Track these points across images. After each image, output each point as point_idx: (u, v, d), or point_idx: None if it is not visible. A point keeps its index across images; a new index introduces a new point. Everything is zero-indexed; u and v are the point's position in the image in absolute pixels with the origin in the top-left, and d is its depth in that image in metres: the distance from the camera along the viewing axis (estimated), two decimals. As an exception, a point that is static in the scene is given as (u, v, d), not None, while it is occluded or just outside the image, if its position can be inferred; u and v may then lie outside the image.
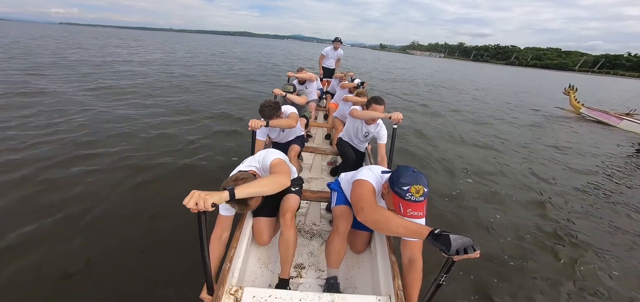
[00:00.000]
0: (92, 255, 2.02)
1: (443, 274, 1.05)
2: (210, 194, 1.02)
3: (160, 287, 1.79)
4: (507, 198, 3.48)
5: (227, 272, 1.30)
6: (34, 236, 2.15)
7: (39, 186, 2.79)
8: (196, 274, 1.85)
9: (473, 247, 0.98)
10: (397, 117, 2.26)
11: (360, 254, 1.82)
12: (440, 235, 1.03)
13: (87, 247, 2.09)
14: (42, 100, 5.64)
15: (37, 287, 1.76)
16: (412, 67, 30.31)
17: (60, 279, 1.82)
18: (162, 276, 1.89)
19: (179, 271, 1.91)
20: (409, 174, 1.21)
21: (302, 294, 1.27)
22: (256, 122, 2.00)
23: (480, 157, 4.92)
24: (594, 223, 3.12)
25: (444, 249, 1.00)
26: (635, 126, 7.78)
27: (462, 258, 0.98)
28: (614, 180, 4.42)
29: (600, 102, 14.62)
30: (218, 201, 1.04)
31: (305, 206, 2.14)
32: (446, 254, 1.00)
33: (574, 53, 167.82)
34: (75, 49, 16.73)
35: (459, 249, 0.98)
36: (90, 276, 1.86)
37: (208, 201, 0.99)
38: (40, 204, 2.52)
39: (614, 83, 47.31)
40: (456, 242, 0.98)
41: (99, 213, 2.47)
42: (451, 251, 0.97)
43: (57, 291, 1.74)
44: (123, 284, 1.82)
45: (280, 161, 1.49)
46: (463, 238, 1.00)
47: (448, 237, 1.00)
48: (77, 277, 1.84)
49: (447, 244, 0.99)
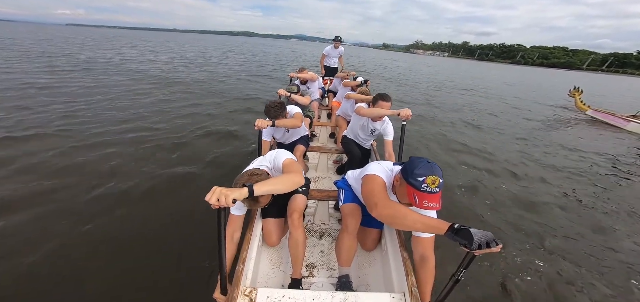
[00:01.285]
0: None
1: (462, 269, 1.02)
2: (231, 190, 1.03)
3: (166, 284, 1.82)
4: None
5: (241, 273, 1.32)
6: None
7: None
8: (205, 272, 1.88)
9: (495, 241, 0.95)
10: (405, 114, 2.24)
11: (371, 251, 1.81)
12: (460, 229, 1.00)
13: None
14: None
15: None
16: (429, 70, 26.84)
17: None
18: (169, 273, 1.91)
19: (185, 269, 1.93)
20: (423, 164, 1.17)
21: (315, 293, 1.26)
22: (262, 121, 2.01)
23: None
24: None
25: (465, 243, 0.96)
26: None
27: (484, 252, 0.95)
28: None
29: (616, 105, 13.85)
30: (238, 197, 1.05)
31: (313, 206, 2.14)
32: (468, 249, 0.97)
33: (581, 52, 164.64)
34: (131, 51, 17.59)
35: (481, 243, 0.94)
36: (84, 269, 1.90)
37: (229, 197, 0.99)
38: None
39: (621, 82, 46.02)
40: (478, 237, 0.95)
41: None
42: (474, 246, 0.94)
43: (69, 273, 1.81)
44: (124, 281, 1.84)
45: (292, 160, 1.50)
46: (484, 232, 0.97)
47: (469, 232, 0.96)
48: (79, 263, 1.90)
49: (469, 239, 0.95)
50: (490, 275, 2.15)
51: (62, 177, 2.99)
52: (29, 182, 2.84)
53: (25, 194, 2.64)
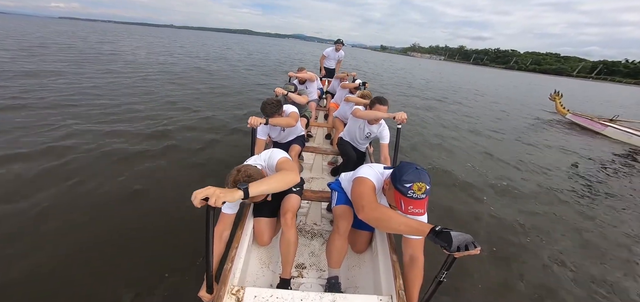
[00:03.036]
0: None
1: (444, 271, 1.05)
2: (224, 191, 1.01)
3: (152, 279, 1.80)
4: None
5: (229, 272, 1.30)
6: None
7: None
8: (190, 270, 1.87)
9: (474, 243, 0.98)
10: (401, 117, 2.25)
11: (361, 253, 1.82)
12: (441, 232, 1.03)
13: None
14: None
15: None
16: (432, 77, 25.15)
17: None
18: (155, 268, 1.88)
19: (171, 266, 1.90)
20: (411, 171, 1.19)
21: (303, 294, 1.26)
22: (256, 119, 1.99)
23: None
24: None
25: (445, 245, 0.99)
26: (620, 134, 7.67)
27: (463, 255, 0.98)
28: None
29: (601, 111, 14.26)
30: (231, 200, 1.03)
31: (306, 206, 2.14)
32: (447, 251, 0.99)
33: (572, 58, 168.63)
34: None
35: (460, 246, 0.97)
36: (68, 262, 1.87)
37: (220, 199, 0.97)
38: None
39: (606, 89, 47.13)
40: (457, 239, 0.97)
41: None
42: (452, 248, 0.97)
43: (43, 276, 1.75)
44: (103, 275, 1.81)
45: (288, 159, 1.49)
46: (464, 235, 0.99)
47: (449, 234, 0.99)
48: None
49: (448, 241, 0.98)
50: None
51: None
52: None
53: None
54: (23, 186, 2.66)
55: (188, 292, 1.65)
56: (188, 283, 1.77)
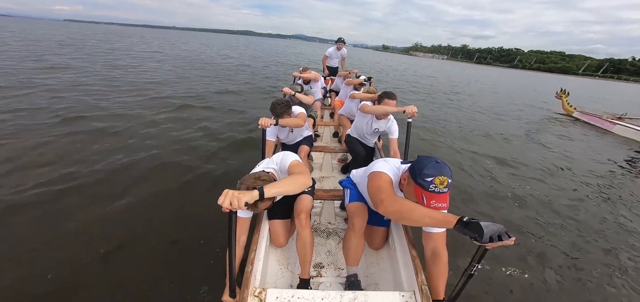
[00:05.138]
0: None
1: (474, 264, 1.00)
2: (243, 193, 1.03)
3: (176, 286, 1.80)
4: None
5: (250, 274, 1.32)
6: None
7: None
8: (211, 276, 1.86)
9: (507, 233, 0.93)
10: (411, 111, 2.22)
11: (378, 250, 1.81)
12: (469, 222, 0.97)
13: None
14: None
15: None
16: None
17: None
18: (180, 273, 1.90)
19: (193, 273, 1.91)
20: (432, 164, 1.15)
21: (324, 293, 1.26)
22: (266, 120, 2.00)
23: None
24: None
25: (475, 236, 0.94)
26: (629, 131, 7.55)
27: (496, 246, 0.92)
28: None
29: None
30: (250, 200, 1.05)
31: (319, 206, 2.14)
32: (479, 242, 0.94)
33: (578, 57, 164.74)
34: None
35: (492, 236, 0.91)
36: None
37: (241, 200, 1.00)
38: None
39: (616, 87, 46.09)
40: (488, 229, 0.92)
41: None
42: (484, 239, 0.91)
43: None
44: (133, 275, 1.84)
45: (299, 162, 1.50)
46: (495, 224, 0.93)
47: (479, 224, 0.93)
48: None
49: (479, 232, 0.92)
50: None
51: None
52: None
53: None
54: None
55: (210, 297, 1.68)
56: (209, 288, 1.77)
